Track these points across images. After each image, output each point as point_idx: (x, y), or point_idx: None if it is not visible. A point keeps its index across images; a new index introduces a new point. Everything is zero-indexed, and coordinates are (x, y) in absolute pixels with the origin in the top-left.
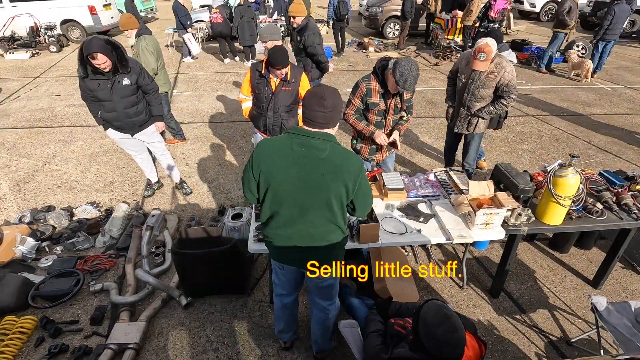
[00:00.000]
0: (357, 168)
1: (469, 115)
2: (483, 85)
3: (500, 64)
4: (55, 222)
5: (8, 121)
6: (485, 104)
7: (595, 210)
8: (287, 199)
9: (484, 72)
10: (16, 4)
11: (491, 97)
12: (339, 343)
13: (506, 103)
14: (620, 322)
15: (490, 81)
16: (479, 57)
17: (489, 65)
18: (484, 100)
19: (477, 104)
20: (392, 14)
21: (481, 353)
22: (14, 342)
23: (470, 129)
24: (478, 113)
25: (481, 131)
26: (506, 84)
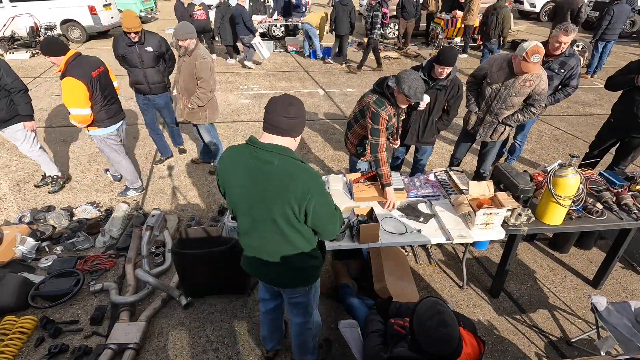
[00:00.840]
0: (304, 191)
1: (495, 122)
2: (517, 93)
3: (539, 75)
4: (55, 222)
5: None
6: (514, 112)
7: (595, 211)
8: (241, 209)
9: (519, 79)
10: (16, 4)
11: (520, 105)
12: (339, 343)
13: (535, 111)
14: (620, 322)
15: (525, 89)
16: (532, 60)
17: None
18: (513, 108)
19: (506, 111)
20: (392, 13)
21: (480, 351)
22: (14, 342)
23: (494, 137)
24: (506, 121)
25: (502, 139)
26: (539, 92)
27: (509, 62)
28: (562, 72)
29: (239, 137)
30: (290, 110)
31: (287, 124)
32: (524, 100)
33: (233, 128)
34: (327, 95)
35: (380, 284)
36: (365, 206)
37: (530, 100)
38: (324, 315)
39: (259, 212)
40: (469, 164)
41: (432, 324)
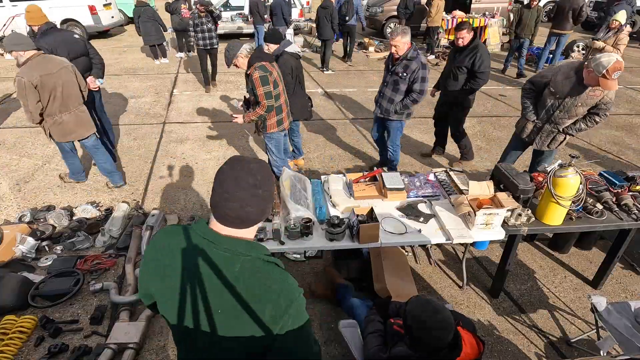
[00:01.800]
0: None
1: (554, 131)
2: (583, 103)
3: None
4: (55, 221)
5: (8, 121)
6: (575, 120)
7: (595, 211)
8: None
9: (586, 89)
10: (16, 4)
11: (583, 114)
12: (338, 343)
13: (599, 120)
14: (620, 323)
15: (592, 99)
16: (613, 76)
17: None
18: (576, 117)
19: (568, 121)
20: (392, 14)
21: (479, 351)
22: (14, 342)
23: (552, 146)
24: (567, 130)
25: (556, 147)
26: (606, 102)
27: (577, 71)
28: (405, 76)
29: (238, 137)
30: (257, 191)
31: (255, 213)
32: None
33: (233, 128)
34: (327, 95)
35: (380, 284)
36: (365, 206)
37: (596, 109)
38: (324, 315)
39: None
40: (468, 164)
41: (426, 314)
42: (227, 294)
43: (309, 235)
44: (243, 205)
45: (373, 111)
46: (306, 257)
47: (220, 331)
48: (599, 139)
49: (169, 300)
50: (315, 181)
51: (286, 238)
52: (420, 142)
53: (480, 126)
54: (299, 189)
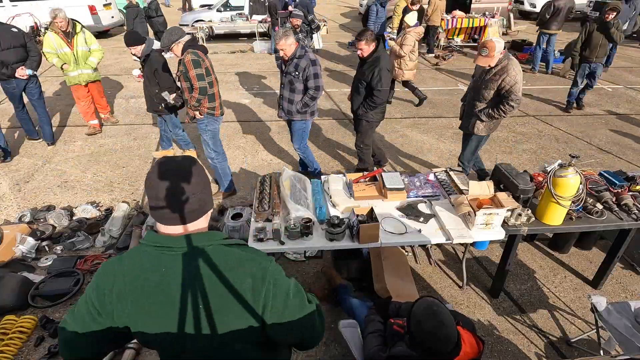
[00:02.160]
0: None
1: (470, 114)
2: (486, 85)
3: (505, 66)
4: (55, 221)
5: (8, 121)
6: (486, 106)
7: (595, 211)
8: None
9: (490, 72)
10: (16, 4)
11: (492, 100)
12: (338, 343)
13: (504, 109)
14: (620, 323)
15: (493, 83)
16: (481, 53)
17: (491, 63)
18: (485, 102)
19: (479, 104)
20: (392, 13)
21: (479, 350)
22: (14, 342)
23: (470, 129)
24: (477, 113)
25: (480, 134)
26: (507, 89)
27: None
28: (297, 75)
29: (238, 137)
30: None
31: (193, 200)
32: (497, 96)
33: (233, 128)
34: (327, 95)
35: (380, 284)
36: (365, 206)
37: (504, 97)
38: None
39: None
40: None
41: (430, 325)
42: (203, 288)
43: (309, 235)
44: (178, 197)
45: (278, 115)
46: (306, 257)
47: (209, 329)
48: (599, 139)
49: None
50: (315, 181)
51: (286, 238)
52: (420, 142)
53: None
54: (299, 189)
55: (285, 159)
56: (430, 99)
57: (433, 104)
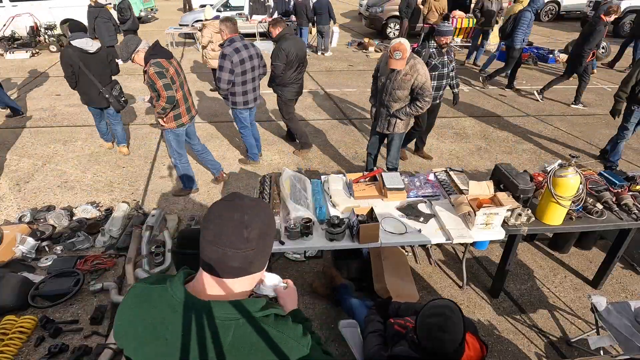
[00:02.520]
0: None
1: (388, 115)
2: (399, 86)
3: (414, 66)
4: (55, 221)
5: (8, 121)
6: (403, 105)
7: (595, 211)
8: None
9: (400, 73)
10: (16, 4)
11: (408, 99)
12: (338, 343)
13: (421, 105)
14: (620, 322)
15: (406, 82)
16: (394, 56)
17: (405, 65)
18: (401, 101)
19: (395, 104)
20: (392, 14)
21: (482, 354)
22: (14, 342)
23: (390, 129)
24: (396, 113)
25: (401, 131)
26: (420, 86)
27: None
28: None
29: (239, 137)
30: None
31: (244, 257)
32: (410, 95)
33: (233, 128)
34: (327, 95)
35: (380, 284)
36: (365, 206)
37: (415, 94)
38: (324, 315)
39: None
40: (469, 164)
41: (432, 322)
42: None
43: (309, 235)
44: (225, 250)
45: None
46: (306, 257)
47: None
48: (598, 139)
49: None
50: (315, 181)
51: (286, 238)
52: None
53: (480, 126)
54: (299, 189)
55: (285, 159)
56: None
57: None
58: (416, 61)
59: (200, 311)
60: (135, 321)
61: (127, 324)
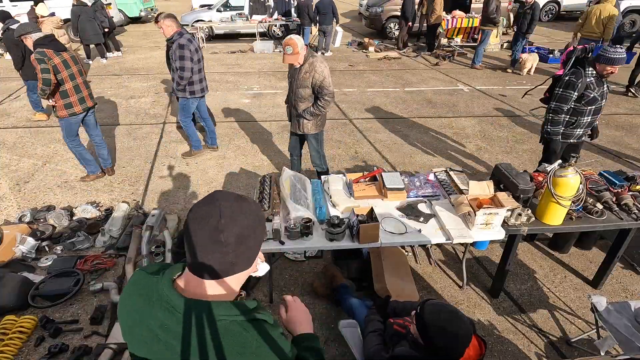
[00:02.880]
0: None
1: (297, 115)
2: (301, 85)
3: (312, 64)
4: (55, 221)
5: (8, 121)
6: (308, 105)
7: (595, 211)
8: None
9: (301, 72)
10: (16, 4)
11: (312, 97)
12: (338, 343)
13: (322, 105)
14: (620, 322)
15: (306, 81)
16: (286, 51)
17: (298, 61)
18: (306, 101)
19: (302, 104)
20: (392, 14)
21: (481, 351)
22: (14, 342)
23: (301, 129)
24: (302, 114)
25: (312, 132)
26: (319, 85)
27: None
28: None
29: (238, 137)
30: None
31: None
32: (314, 93)
33: (233, 128)
34: None
35: (380, 284)
36: (365, 206)
37: (316, 93)
38: (324, 316)
39: None
40: (469, 164)
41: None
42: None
43: (309, 235)
44: (203, 253)
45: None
46: (306, 257)
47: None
48: (598, 139)
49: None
50: (315, 181)
51: (286, 238)
52: (420, 142)
53: (480, 126)
54: (299, 189)
55: (285, 159)
56: (430, 99)
57: (433, 104)
58: (315, 59)
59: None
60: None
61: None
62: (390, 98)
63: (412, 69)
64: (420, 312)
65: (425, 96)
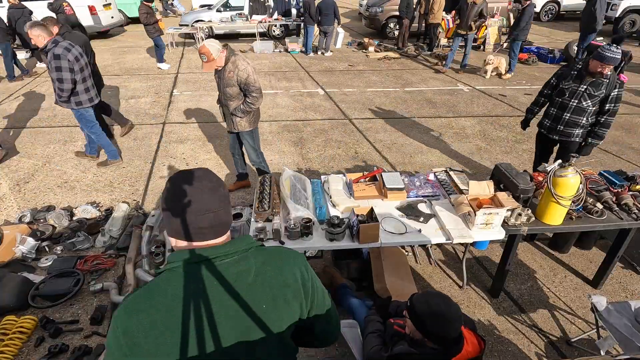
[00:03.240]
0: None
1: (229, 113)
2: (227, 84)
3: (234, 62)
4: (55, 221)
5: (8, 121)
6: (238, 103)
7: (595, 210)
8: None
9: (226, 71)
10: None
11: (241, 95)
12: (339, 343)
13: (251, 101)
14: (620, 322)
15: (231, 80)
16: (202, 59)
17: (222, 63)
18: (236, 99)
19: (232, 102)
20: (392, 13)
21: (480, 349)
22: (14, 342)
23: (235, 128)
24: (234, 112)
25: (246, 129)
26: (244, 82)
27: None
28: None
29: None
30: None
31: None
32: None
33: None
34: (327, 95)
35: (380, 284)
36: (365, 206)
37: (244, 91)
38: None
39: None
40: (469, 164)
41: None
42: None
43: (309, 235)
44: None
45: None
46: (306, 257)
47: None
48: None
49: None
50: (315, 181)
51: (286, 238)
52: (420, 142)
53: (480, 126)
54: (299, 189)
55: (285, 159)
56: (430, 99)
57: (433, 104)
58: (237, 57)
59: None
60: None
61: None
62: (390, 98)
63: (412, 69)
64: (411, 305)
65: (425, 96)
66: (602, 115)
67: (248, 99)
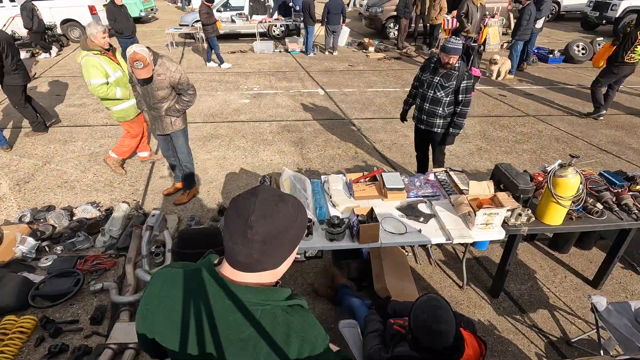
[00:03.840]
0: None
1: (159, 116)
2: (158, 87)
3: (163, 64)
4: (55, 221)
5: (8, 121)
6: (171, 103)
7: (595, 211)
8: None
9: (155, 74)
10: (16, 4)
11: (173, 95)
12: (338, 343)
13: (188, 99)
14: (620, 322)
15: (163, 82)
16: (136, 66)
17: (152, 69)
18: (167, 100)
19: (163, 104)
20: (392, 14)
21: (481, 352)
22: (14, 342)
23: (169, 129)
24: (168, 112)
25: (180, 128)
26: (178, 82)
27: None
28: None
29: (239, 137)
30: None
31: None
32: (172, 91)
33: (233, 128)
34: (327, 95)
35: (380, 284)
36: (365, 206)
37: (178, 90)
38: (324, 315)
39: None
40: (469, 164)
41: (426, 317)
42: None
43: (309, 235)
44: (233, 244)
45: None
46: (306, 257)
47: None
48: (598, 139)
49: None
50: (315, 181)
51: None
52: None
53: (480, 126)
54: (298, 189)
55: (285, 159)
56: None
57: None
58: (163, 59)
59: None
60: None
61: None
62: (390, 98)
63: (412, 69)
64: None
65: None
66: (458, 105)
67: (185, 97)
